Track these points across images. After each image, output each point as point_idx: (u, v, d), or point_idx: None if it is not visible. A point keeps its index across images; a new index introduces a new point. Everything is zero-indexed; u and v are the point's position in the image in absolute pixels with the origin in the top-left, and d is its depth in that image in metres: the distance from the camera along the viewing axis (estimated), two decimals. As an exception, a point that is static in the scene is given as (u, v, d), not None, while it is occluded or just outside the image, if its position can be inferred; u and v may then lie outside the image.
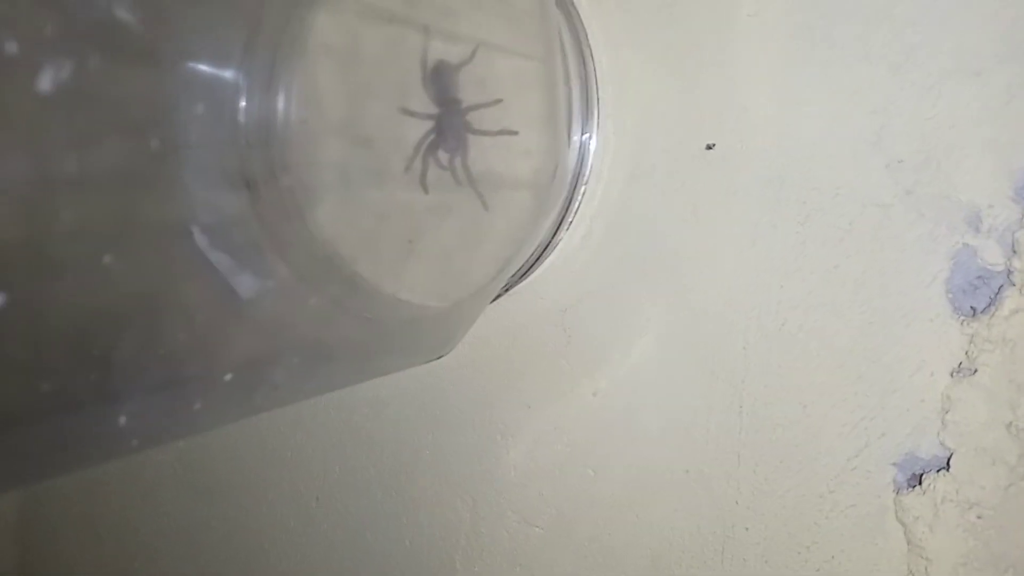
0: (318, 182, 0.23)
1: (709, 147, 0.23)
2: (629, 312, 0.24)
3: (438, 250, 0.23)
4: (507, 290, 0.26)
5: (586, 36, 0.23)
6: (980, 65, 0.19)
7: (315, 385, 0.20)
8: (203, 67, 0.21)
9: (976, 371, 0.20)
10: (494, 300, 0.26)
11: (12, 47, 0.10)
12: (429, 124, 0.25)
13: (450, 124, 0.25)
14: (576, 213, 0.24)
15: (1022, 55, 0.19)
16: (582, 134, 0.23)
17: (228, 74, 0.22)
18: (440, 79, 0.25)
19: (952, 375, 0.20)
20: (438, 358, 0.24)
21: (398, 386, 0.29)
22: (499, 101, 0.25)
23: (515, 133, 0.25)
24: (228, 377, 0.15)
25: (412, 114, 0.25)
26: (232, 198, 0.21)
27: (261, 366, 0.16)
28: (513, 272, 0.26)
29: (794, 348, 0.22)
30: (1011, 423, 0.19)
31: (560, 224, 0.25)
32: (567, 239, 0.25)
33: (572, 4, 0.23)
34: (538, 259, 0.26)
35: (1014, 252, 0.19)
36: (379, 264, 0.21)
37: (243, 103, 0.22)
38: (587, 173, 0.23)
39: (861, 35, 0.21)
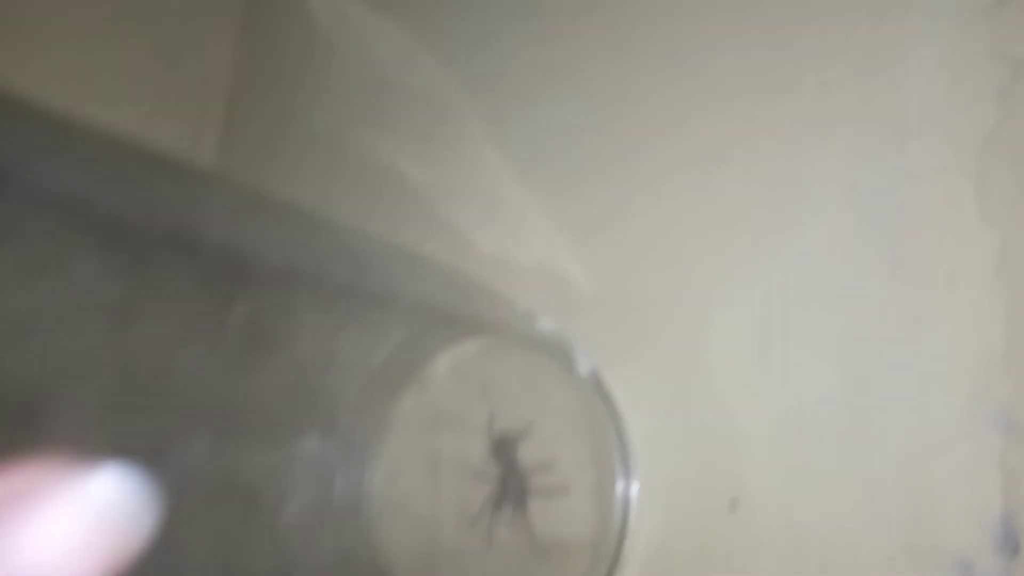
0: (401, 551, 0.27)
1: (733, 504, 0.27)
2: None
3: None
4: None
5: (621, 420, 0.28)
6: (945, 439, 0.24)
7: None
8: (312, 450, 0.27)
9: None
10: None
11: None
12: (494, 484, 0.30)
13: (512, 484, 0.30)
14: (624, 565, 0.28)
15: (981, 427, 0.24)
16: (623, 497, 0.28)
17: (330, 455, 0.28)
18: (503, 448, 0.30)
19: None
20: None
21: None
22: (551, 464, 0.29)
23: (567, 491, 0.29)
24: None
25: (480, 476, 0.30)
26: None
27: None
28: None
29: None
30: None
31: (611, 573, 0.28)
32: (617, 586, 0.28)
33: (607, 392, 0.28)
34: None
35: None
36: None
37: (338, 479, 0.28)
38: (629, 530, 0.27)
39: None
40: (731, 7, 0.29)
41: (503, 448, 0.30)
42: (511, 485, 0.30)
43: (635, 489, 0.28)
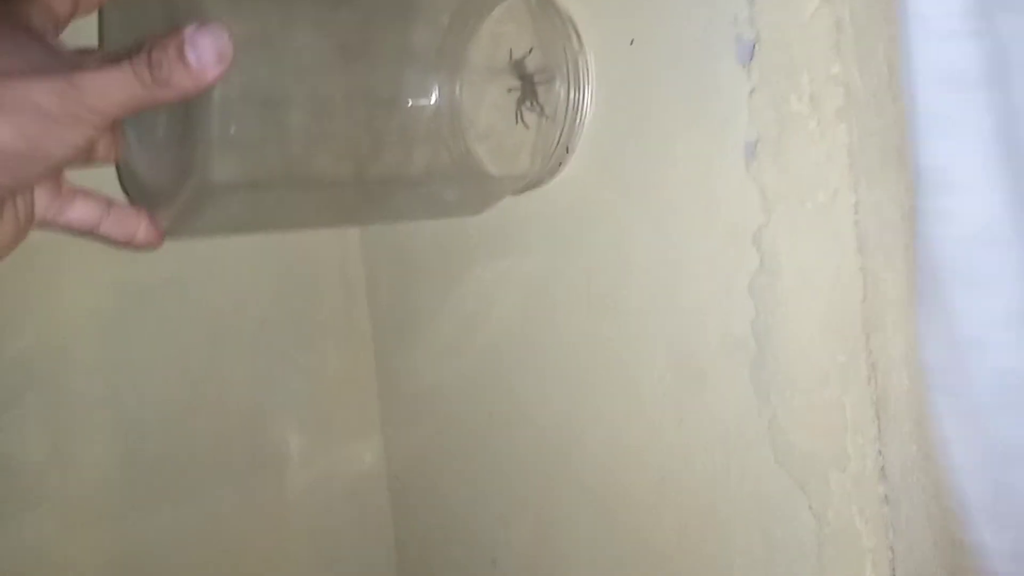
0: (468, 113, 0.50)
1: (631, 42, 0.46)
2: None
3: (509, 147, 0.49)
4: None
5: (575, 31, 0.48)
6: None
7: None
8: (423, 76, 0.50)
9: (755, 90, 0.40)
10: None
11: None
12: (518, 87, 0.51)
13: (527, 85, 0.51)
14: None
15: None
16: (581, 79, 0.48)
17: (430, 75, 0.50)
18: (519, 65, 0.51)
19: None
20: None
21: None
22: (549, 69, 0.50)
23: (554, 78, 0.50)
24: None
25: (510, 89, 0.52)
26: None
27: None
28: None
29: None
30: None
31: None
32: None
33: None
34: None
35: (754, 28, 0.40)
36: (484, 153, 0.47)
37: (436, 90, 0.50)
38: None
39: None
40: None
41: (519, 65, 0.52)
42: (527, 86, 0.51)
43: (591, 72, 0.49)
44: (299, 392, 0.66)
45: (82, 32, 0.39)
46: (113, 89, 0.32)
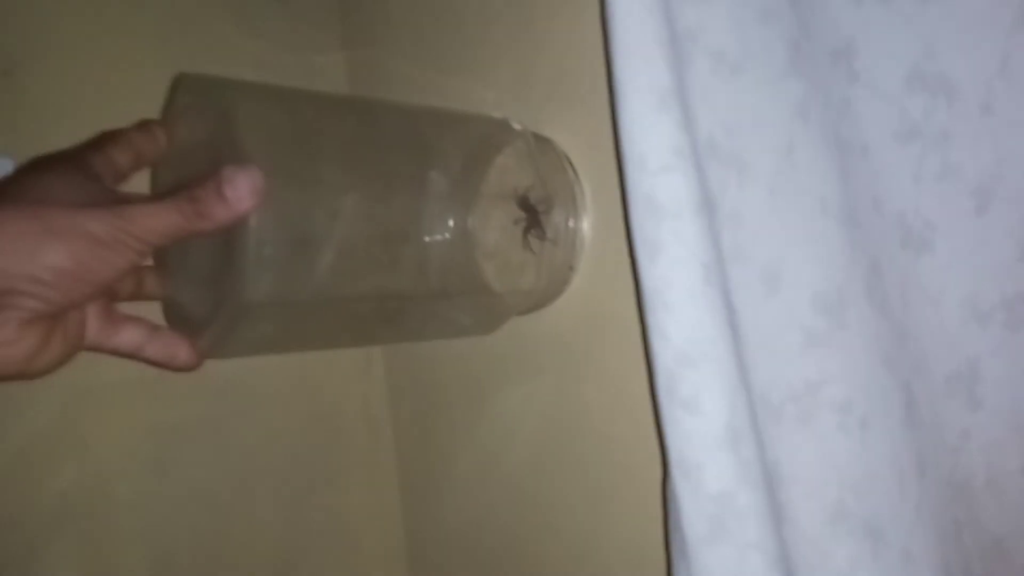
0: (478, 241, 0.55)
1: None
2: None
3: (515, 267, 0.54)
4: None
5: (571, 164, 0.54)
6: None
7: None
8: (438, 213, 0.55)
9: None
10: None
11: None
12: (524, 218, 0.56)
13: (532, 216, 0.56)
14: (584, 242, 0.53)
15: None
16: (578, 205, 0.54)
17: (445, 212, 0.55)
18: (524, 201, 0.57)
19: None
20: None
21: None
22: (549, 200, 0.56)
23: (554, 207, 0.55)
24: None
25: (516, 221, 0.57)
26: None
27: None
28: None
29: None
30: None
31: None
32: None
33: (558, 151, 0.55)
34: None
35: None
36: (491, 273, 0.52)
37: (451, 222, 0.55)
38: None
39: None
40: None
41: (523, 199, 0.57)
42: (531, 216, 0.57)
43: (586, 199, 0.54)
44: (325, 530, 0.67)
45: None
46: (156, 219, 0.37)
